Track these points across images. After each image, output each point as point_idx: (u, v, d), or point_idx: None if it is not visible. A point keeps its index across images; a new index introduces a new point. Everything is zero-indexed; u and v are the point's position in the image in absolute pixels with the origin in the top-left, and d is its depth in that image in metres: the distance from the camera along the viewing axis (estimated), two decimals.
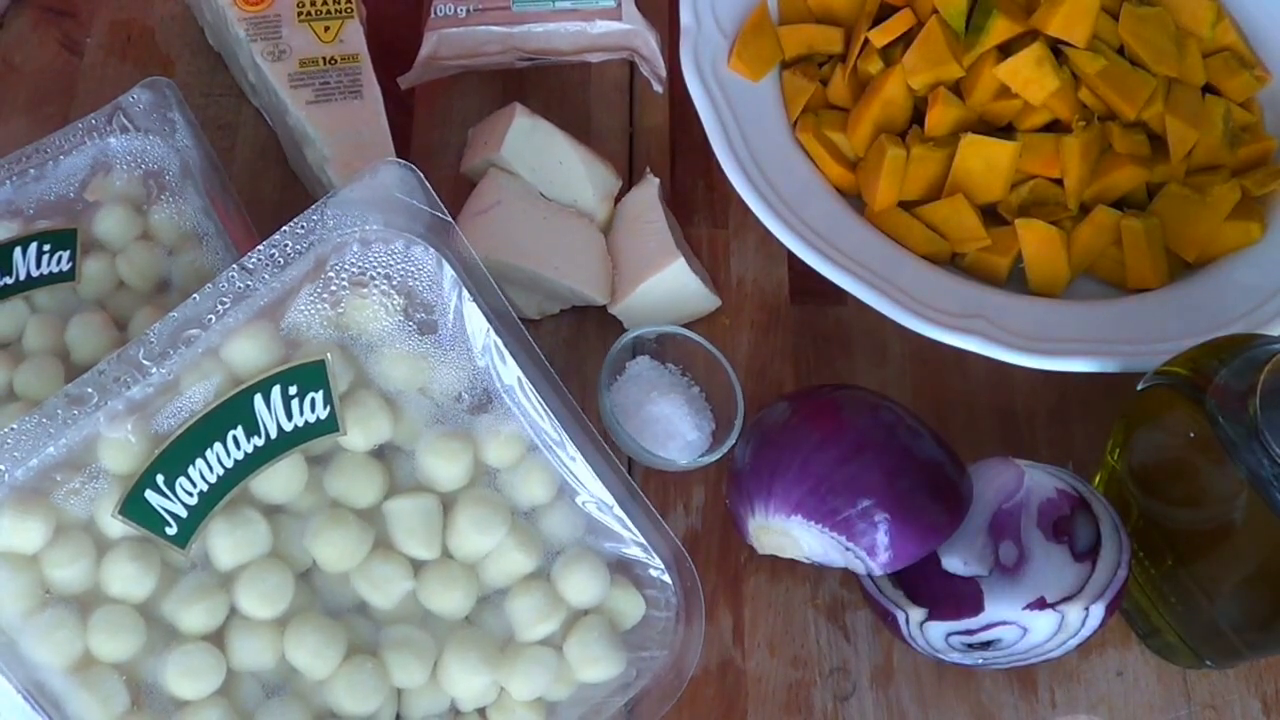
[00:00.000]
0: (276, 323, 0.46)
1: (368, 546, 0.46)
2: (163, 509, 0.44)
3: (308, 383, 0.45)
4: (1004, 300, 0.62)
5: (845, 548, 0.52)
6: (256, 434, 0.45)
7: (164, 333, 0.45)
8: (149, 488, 0.43)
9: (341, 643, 0.45)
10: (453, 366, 0.48)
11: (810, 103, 0.68)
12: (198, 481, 0.44)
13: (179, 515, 0.44)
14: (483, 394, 0.49)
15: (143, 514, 0.43)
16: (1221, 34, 0.69)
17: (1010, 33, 0.65)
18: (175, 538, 0.44)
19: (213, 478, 0.44)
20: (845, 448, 0.52)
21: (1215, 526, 0.52)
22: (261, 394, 0.45)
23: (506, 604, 0.48)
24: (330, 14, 0.66)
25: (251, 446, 0.45)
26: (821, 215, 0.64)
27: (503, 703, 0.47)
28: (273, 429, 0.45)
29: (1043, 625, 0.52)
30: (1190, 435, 0.51)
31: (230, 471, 0.44)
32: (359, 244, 0.47)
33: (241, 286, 0.45)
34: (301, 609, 0.45)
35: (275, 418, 0.45)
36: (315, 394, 0.45)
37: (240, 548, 0.45)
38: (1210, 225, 0.65)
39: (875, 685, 0.56)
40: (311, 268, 0.46)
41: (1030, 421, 0.63)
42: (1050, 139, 0.65)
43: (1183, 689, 0.57)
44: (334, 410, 0.46)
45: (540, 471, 0.49)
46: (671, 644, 0.50)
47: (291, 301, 0.46)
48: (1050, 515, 0.53)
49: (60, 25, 0.72)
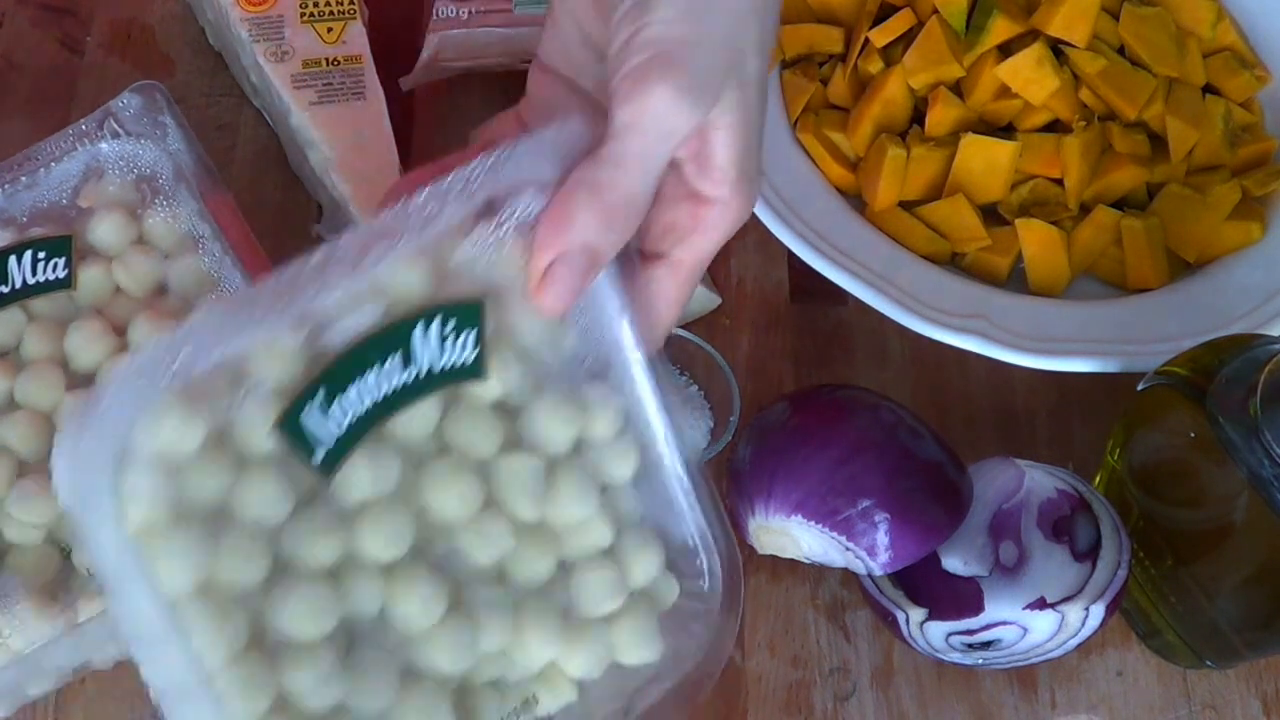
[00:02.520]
0: (441, 257, 0.44)
1: (481, 500, 0.45)
2: (316, 431, 0.41)
3: (463, 321, 0.44)
4: (1004, 300, 0.62)
5: (845, 548, 0.52)
6: (411, 365, 0.43)
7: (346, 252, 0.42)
8: (308, 406, 0.41)
9: (445, 597, 0.43)
10: (587, 330, 0.47)
11: (810, 102, 0.68)
12: (351, 408, 0.42)
13: (327, 441, 0.42)
14: (603, 363, 0.47)
15: (297, 434, 0.41)
16: (1221, 34, 0.70)
17: (1010, 33, 0.65)
18: (321, 465, 0.41)
19: (366, 405, 0.42)
20: (845, 448, 0.52)
21: (1215, 526, 0.52)
22: (423, 323, 0.43)
23: (575, 577, 0.46)
24: (333, 15, 0.66)
25: (404, 380, 0.43)
26: (821, 215, 0.64)
27: (548, 674, 0.46)
28: (424, 364, 0.43)
29: (1043, 625, 0.52)
30: (1190, 435, 0.51)
31: (381, 404, 0.43)
32: (534, 190, 0.45)
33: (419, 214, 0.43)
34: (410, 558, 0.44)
35: (429, 352, 0.43)
36: (469, 334, 0.44)
37: (377, 483, 0.43)
38: (1210, 225, 0.65)
39: (875, 685, 0.56)
40: (483, 207, 0.44)
41: (1030, 421, 0.63)
42: (1050, 139, 0.65)
43: (1183, 689, 0.57)
44: (482, 355, 0.44)
45: (632, 449, 0.47)
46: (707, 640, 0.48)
47: (458, 239, 0.44)
48: (1050, 515, 0.53)
49: (60, 24, 0.72)
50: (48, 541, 0.50)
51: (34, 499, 0.49)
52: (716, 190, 0.45)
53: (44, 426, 0.51)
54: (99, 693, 0.54)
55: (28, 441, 0.50)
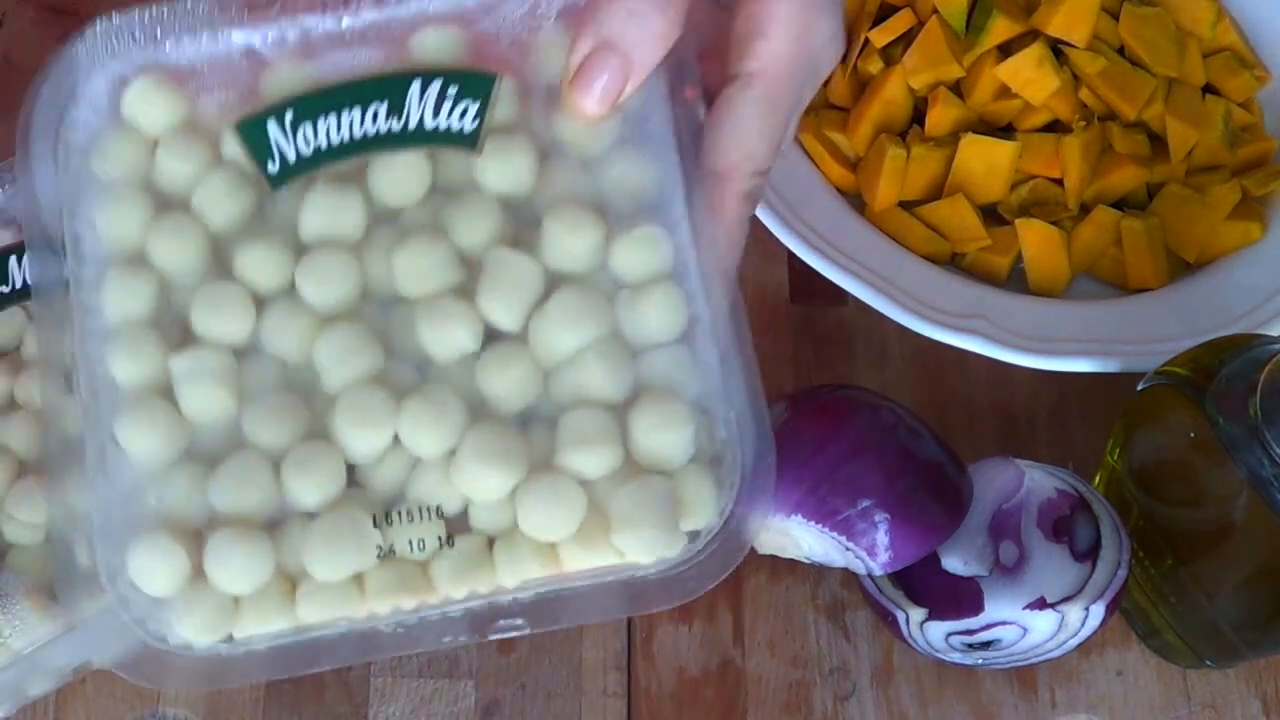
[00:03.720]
0: (470, 27, 0.43)
1: (448, 278, 0.41)
2: (277, 143, 0.42)
3: (470, 90, 0.42)
4: (1004, 300, 0.62)
5: (845, 548, 0.52)
6: (397, 117, 0.42)
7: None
8: (274, 118, 0.42)
9: (369, 360, 0.40)
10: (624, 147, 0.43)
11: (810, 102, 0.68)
12: (321, 136, 0.42)
13: (286, 157, 0.42)
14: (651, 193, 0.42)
15: (255, 138, 0.42)
16: (1221, 34, 0.69)
17: (1010, 33, 0.65)
18: (274, 176, 0.42)
19: (337, 139, 0.42)
20: (845, 448, 0.52)
21: (1215, 526, 0.52)
22: (421, 81, 0.42)
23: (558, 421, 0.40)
24: None
25: (387, 127, 0.42)
26: (821, 215, 0.64)
27: (512, 535, 0.40)
28: (414, 119, 0.42)
29: (1043, 625, 0.52)
30: (1190, 435, 0.51)
31: (355, 143, 0.42)
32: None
33: None
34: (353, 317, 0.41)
35: (423, 109, 0.42)
36: (471, 103, 0.42)
37: (328, 215, 0.41)
38: (1210, 225, 0.65)
39: (875, 685, 0.56)
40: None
41: (1030, 421, 0.63)
42: (1050, 139, 0.65)
43: (1183, 689, 0.57)
44: (481, 127, 0.42)
45: (666, 298, 0.41)
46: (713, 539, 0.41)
47: (495, 11, 0.43)
48: (1050, 515, 0.53)
49: (60, 24, 0.72)
50: (48, 541, 0.50)
51: (34, 499, 0.49)
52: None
53: None
54: (99, 693, 0.54)
55: (28, 441, 0.50)
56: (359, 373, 0.40)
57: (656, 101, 0.43)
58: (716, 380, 0.41)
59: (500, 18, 0.43)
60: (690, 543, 0.40)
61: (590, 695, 0.56)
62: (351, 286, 0.41)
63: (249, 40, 0.43)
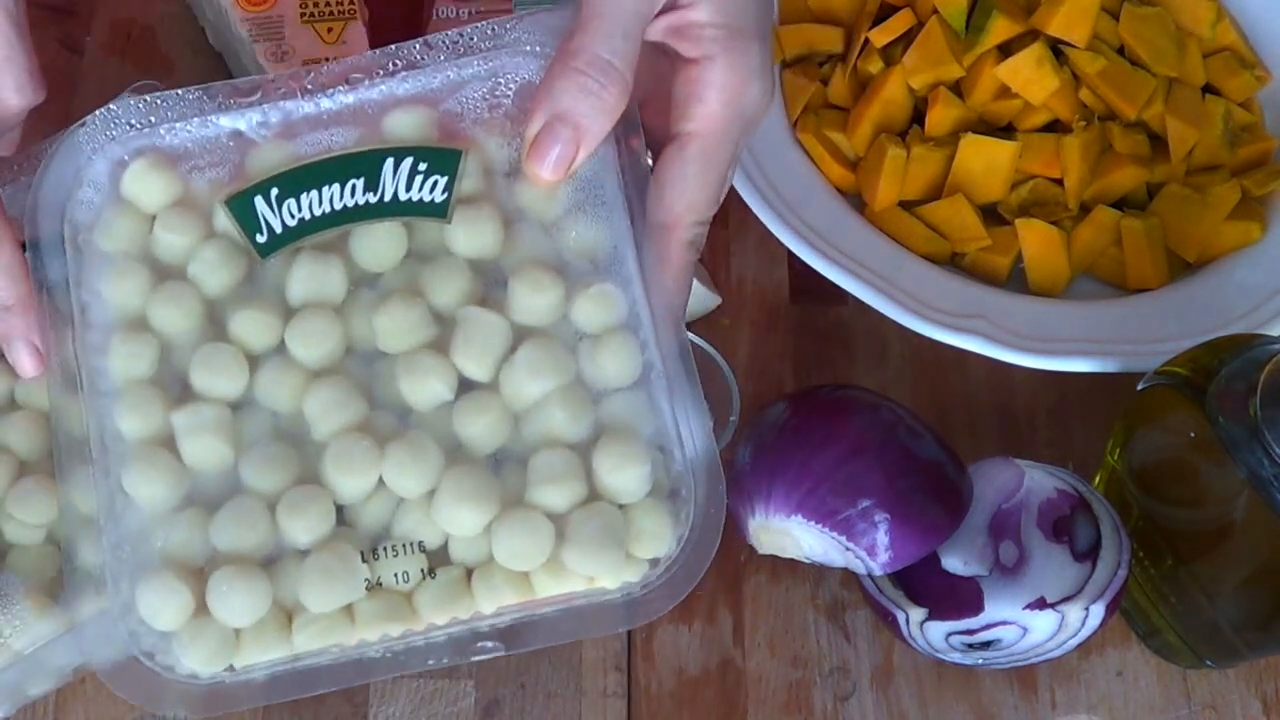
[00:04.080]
0: (436, 107, 0.47)
1: (424, 336, 0.45)
2: (264, 217, 0.46)
3: (438, 166, 0.46)
4: (1004, 300, 0.62)
5: (845, 548, 0.52)
6: (373, 191, 0.46)
7: (334, 70, 0.47)
8: (261, 194, 0.46)
9: (354, 411, 0.44)
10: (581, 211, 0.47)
11: (810, 102, 0.68)
12: (304, 209, 0.46)
13: (274, 229, 0.46)
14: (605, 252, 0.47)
15: (245, 213, 0.46)
16: (1221, 34, 0.70)
17: (1010, 33, 0.65)
18: (261, 246, 0.46)
19: (319, 212, 0.46)
20: (845, 448, 0.52)
21: (1215, 526, 0.52)
22: (394, 159, 0.46)
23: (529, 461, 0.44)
24: (333, 15, 0.66)
25: (364, 200, 0.46)
26: (821, 215, 0.64)
27: (488, 566, 0.44)
28: (389, 193, 0.46)
29: (1043, 625, 0.52)
30: (1190, 435, 0.51)
31: (336, 214, 0.46)
32: (539, 64, 0.47)
33: (418, 57, 0.47)
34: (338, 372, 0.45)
35: (396, 184, 0.46)
36: (440, 178, 0.46)
37: (313, 282, 0.45)
38: (1210, 225, 0.65)
39: (875, 685, 0.56)
40: (487, 69, 0.47)
41: (1030, 421, 0.63)
42: (1050, 139, 0.65)
43: (1183, 689, 0.57)
44: (450, 199, 0.46)
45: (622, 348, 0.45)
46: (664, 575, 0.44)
47: (458, 92, 0.47)
48: (1050, 515, 0.53)
49: (61, 24, 0.72)
50: (48, 541, 0.50)
51: (34, 499, 0.49)
52: (699, 49, 0.45)
53: (44, 426, 0.51)
54: (99, 693, 0.54)
55: (28, 441, 0.50)
56: (345, 422, 0.44)
57: (609, 166, 0.47)
58: (669, 419, 0.45)
59: (463, 97, 0.48)
60: (650, 569, 0.44)
61: (590, 695, 0.56)
62: (336, 344, 0.45)
63: (235, 124, 0.48)
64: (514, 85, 0.47)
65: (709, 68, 0.45)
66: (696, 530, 0.44)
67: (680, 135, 0.46)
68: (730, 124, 0.46)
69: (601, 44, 0.44)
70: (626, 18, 0.44)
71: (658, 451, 0.45)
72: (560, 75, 0.44)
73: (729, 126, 0.46)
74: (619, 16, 0.44)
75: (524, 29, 0.47)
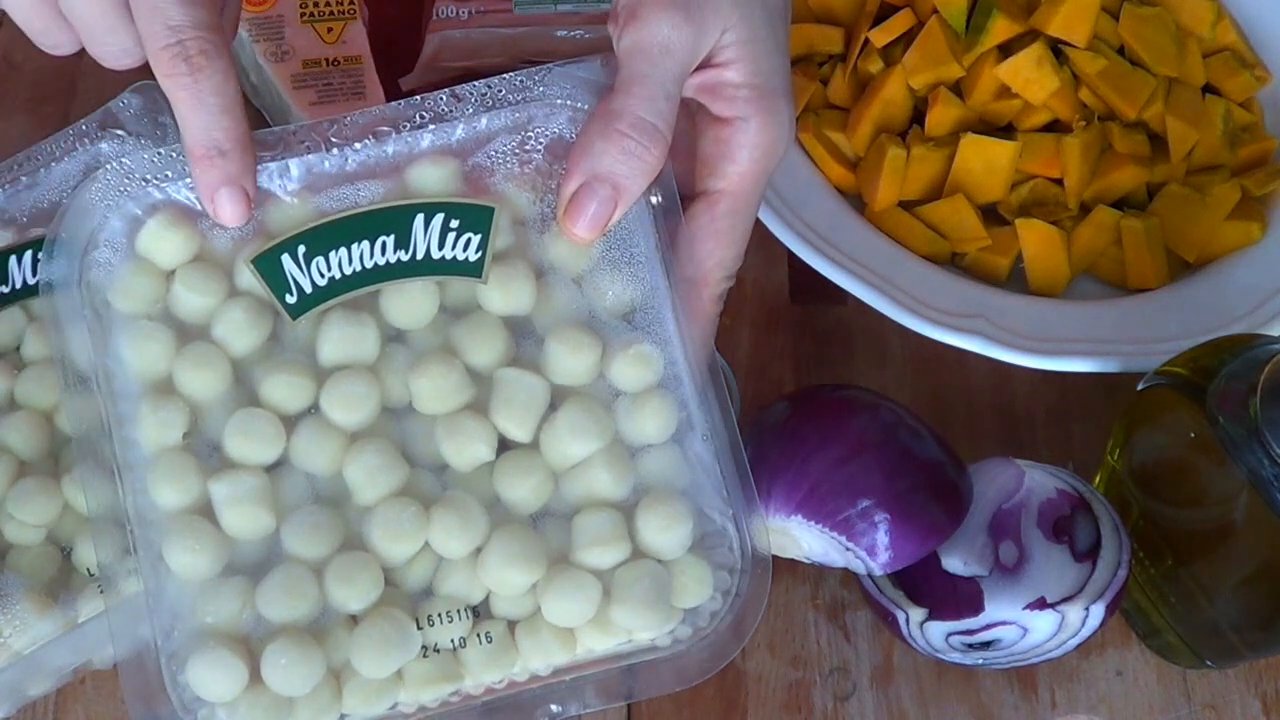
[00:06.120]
0: (464, 159, 0.46)
1: (464, 398, 0.45)
2: (292, 276, 0.44)
3: (471, 223, 0.45)
4: (1004, 300, 0.62)
5: (845, 548, 0.52)
6: (405, 249, 0.45)
7: (359, 121, 0.46)
8: (288, 252, 0.44)
9: (397, 475, 0.44)
10: (615, 266, 0.47)
11: (810, 102, 0.68)
12: (334, 268, 0.45)
13: (303, 288, 0.44)
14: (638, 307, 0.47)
15: (272, 271, 0.44)
16: (1221, 34, 0.70)
17: (1010, 33, 0.65)
18: (292, 307, 0.44)
19: (349, 270, 0.45)
20: (845, 448, 0.52)
21: (1215, 526, 0.52)
22: (425, 215, 0.45)
23: (573, 521, 0.45)
24: (333, 15, 0.66)
25: (395, 258, 0.45)
26: (821, 215, 0.64)
27: (533, 622, 0.44)
28: (421, 250, 0.45)
29: (1043, 625, 0.52)
30: (1190, 435, 0.51)
31: (367, 272, 0.45)
32: (569, 116, 0.46)
33: (445, 109, 0.46)
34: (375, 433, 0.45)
35: (428, 241, 0.45)
36: (474, 235, 0.45)
37: (346, 343, 0.44)
38: (1210, 225, 0.65)
39: (875, 685, 0.56)
40: (515, 121, 0.46)
41: (1030, 421, 0.63)
42: (1050, 139, 0.65)
43: (1183, 689, 0.57)
44: (485, 258, 0.45)
45: (661, 407, 0.46)
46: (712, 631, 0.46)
47: (486, 145, 0.46)
48: (1050, 515, 0.53)
49: None
50: (48, 541, 0.50)
51: (34, 499, 0.49)
52: (733, 109, 0.45)
53: (44, 426, 0.51)
54: (99, 693, 0.54)
55: (28, 441, 0.50)
56: (389, 488, 0.44)
57: (641, 221, 0.46)
58: (710, 473, 0.46)
59: (492, 151, 0.47)
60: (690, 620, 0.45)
61: None
62: (373, 407, 0.44)
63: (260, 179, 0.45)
64: (544, 139, 0.46)
65: (742, 129, 0.45)
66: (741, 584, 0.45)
67: (710, 193, 0.46)
68: (759, 181, 0.46)
69: (645, 106, 0.43)
70: (670, 80, 0.44)
71: (695, 505, 0.45)
72: (601, 136, 0.44)
73: (758, 184, 0.46)
74: (663, 79, 0.44)
75: (553, 81, 0.46)
